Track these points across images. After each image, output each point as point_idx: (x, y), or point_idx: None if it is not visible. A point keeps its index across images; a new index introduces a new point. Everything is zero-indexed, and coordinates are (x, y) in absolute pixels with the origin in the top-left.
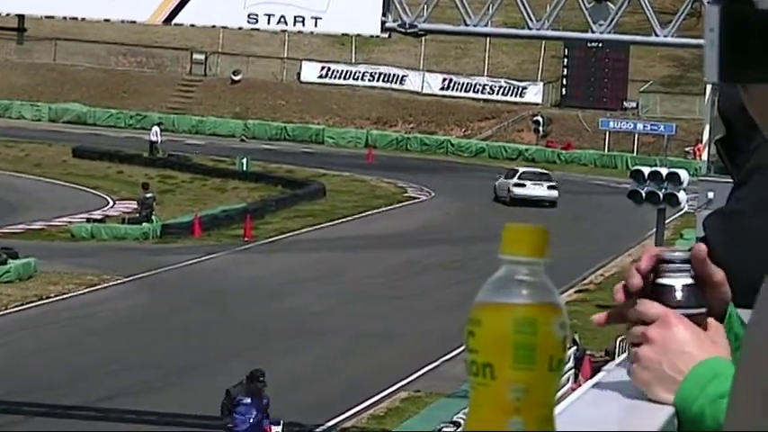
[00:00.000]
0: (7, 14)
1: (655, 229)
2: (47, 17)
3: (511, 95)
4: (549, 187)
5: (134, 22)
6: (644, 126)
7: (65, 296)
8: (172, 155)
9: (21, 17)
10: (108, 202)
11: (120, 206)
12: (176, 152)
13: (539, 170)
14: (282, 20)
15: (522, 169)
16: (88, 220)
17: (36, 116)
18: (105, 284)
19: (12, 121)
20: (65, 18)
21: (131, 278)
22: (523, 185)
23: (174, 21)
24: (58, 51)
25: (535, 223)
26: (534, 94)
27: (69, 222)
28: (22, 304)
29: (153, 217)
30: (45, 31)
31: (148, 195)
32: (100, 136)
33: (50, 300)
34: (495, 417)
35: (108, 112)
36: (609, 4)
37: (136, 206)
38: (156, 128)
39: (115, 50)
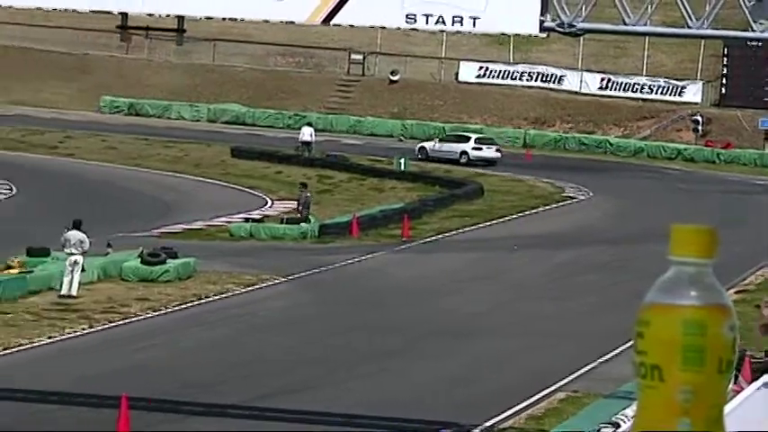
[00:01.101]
0: (167, 16)
1: None
2: (206, 18)
3: (670, 95)
4: (497, 150)
5: (293, 22)
6: None
7: (223, 296)
8: (330, 155)
9: (180, 18)
10: (266, 202)
11: (279, 206)
12: (333, 152)
13: (487, 136)
14: (441, 20)
15: (473, 136)
16: (247, 220)
17: (195, 116)
18: (263, 284)
19: (171, 122)
20: (224, 19)
21: (289, 278)
22: (480, 149)
23: (333, 21)
24: (217, 52)
25: (702, 224)
26: (693, 93)
27: (228, 222)
28: (182, 304)
29: (310, 217)
30: (204, 32)
31: (306, 195)
32: (258, 136)
33: (209, 299)
34: (664, 418)
35: (266, 113)
36: None
37: (294, 206)
38: (308, 128)
39: (274, 51)
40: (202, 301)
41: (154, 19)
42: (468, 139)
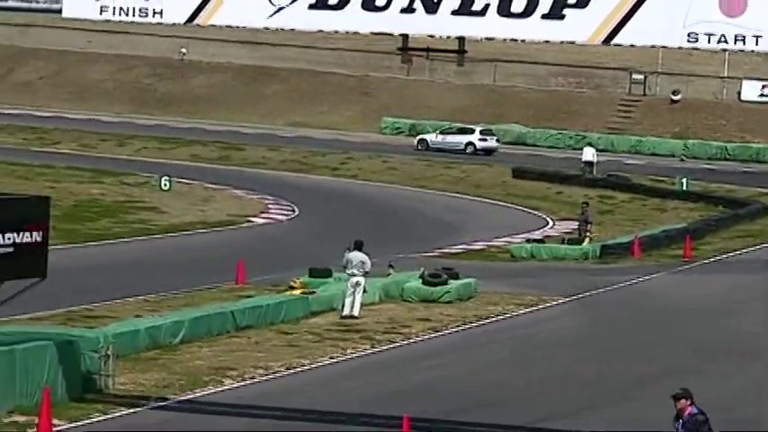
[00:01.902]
0: (447, 37)
1: None
2: (487, 39)
3: None
4: (496, 140)
5: (573, 42)
6: None
7: (504, 316)
8: (611, 175)
9: (461, 39)
10: (547, 223)
11: (560, 226)
12: (615, 172)
13: (488, 128)
14: (723, 39)
15: (477, 128)
16: (528, 241)
17: None
18: (544, 305)
19: None
20: (504, 40)
21: (571, 298)
22: (485, 140)
23: (614, 41)
24: (498, 73)
25: None
26: None
27: (509, 242)
28: (462, 324)
29: (591, 237)
30: (485, 52)
31: (588, 213)
32: (539, 156)
33: (490, 320)
34: None
35: (547, 133)
36: None
37: (575, 226)
38: (589, 149)
39: (554, 71)
40: (483, 321)
41: (434, 40)
42: (472, 131)
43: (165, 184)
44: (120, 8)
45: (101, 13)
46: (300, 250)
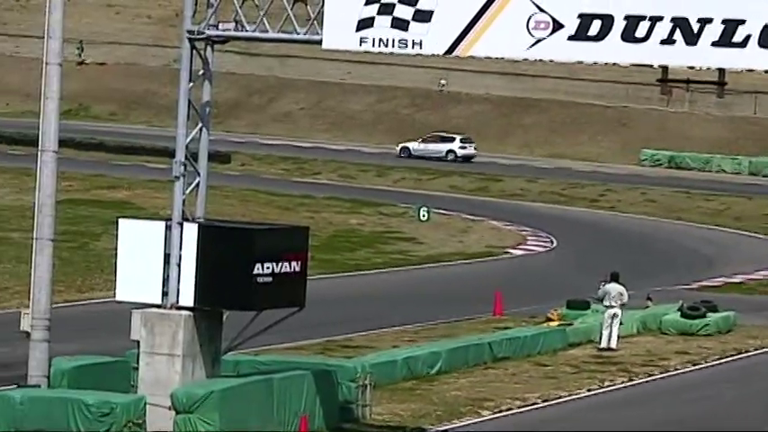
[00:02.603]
0: (707, 68)
1: None
2: (747, 70)
3: None
4: (474, 148)
5: None
6: None
7: (764, 350)
8: None
9: (721, 71)
10: None
11: None
12: None
13: (466, 136)
14: None
15: (458, 136)
16: None
17: (736, 169)
18: None
19: (712, 175)
20: (766, 71)
21: None
22: (465, 147)
23: None
24: (759, 104)
25: None
26: None
27: (767, 276)
28: (721, 358)
29: None
30: (746, 84)
31: None
32: None
33: (749, 353)
34: None
35: None
36: None
37: None
38: None
39: None
40: (742, 355)
41: (694, 72)
42: (452, 140)
43: (424, 215)
44: (380, 39)
45: (360, 45)
46: (558, 282)
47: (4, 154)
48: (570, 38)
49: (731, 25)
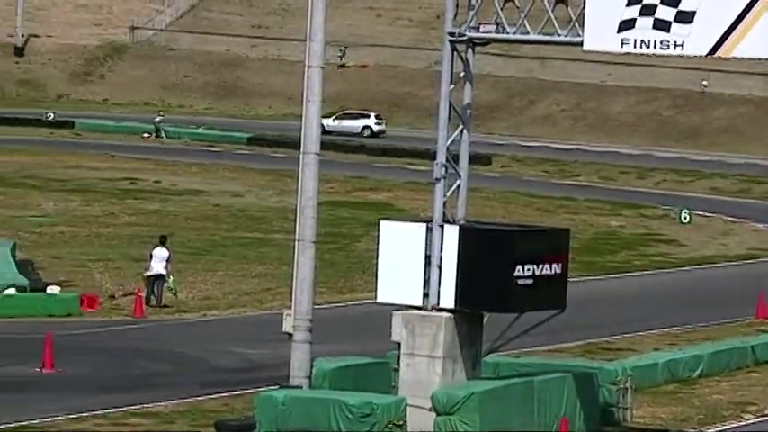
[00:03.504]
0: None
1: None
2: None
3: None
4: (385, 124)
5: None
6: None
7: None
8: None
9: None
10: None
11: None
12: None
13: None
14: None
15: (371, 113)
16: None
17: None
18: None
19: None
20: None
21: None
22: (380, 123)
23: None
24: None
25: None
26: None
27: None
28: None
29: None
30: None
31: None
32: None
33: None
34: None
35: None
36: None
37: None
38: None
39: None
40: None
41: None
42: (368, 116)
43: (685, 218)
44: (642, 41)
45: (621, 46)
46: None
47: (266, 156)
48: None
49: None
